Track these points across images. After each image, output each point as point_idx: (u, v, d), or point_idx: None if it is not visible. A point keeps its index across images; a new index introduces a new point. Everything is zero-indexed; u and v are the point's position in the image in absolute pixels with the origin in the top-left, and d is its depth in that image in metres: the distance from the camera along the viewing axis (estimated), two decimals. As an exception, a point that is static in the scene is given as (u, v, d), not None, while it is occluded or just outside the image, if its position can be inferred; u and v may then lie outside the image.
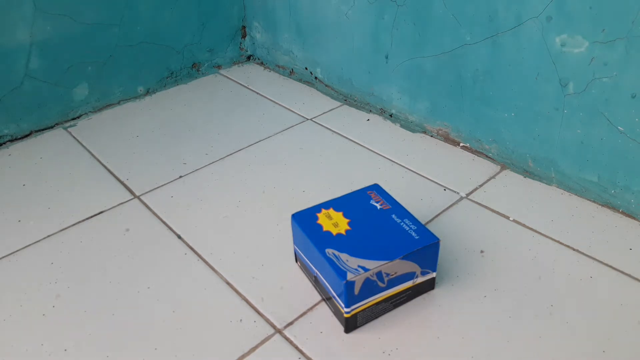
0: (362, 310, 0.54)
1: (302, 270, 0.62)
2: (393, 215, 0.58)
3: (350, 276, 0.50)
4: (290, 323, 0.56)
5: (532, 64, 0.70)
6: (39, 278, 0.62)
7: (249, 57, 1.16)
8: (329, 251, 0.53)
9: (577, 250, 0.64)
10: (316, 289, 0.59)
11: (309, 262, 0.58)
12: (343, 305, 0.52)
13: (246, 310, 0.57)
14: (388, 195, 0.61)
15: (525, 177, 0.77)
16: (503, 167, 0.79)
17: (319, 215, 0.58)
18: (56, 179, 0.79)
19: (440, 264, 0.61)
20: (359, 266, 0.51)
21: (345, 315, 0.53)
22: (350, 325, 0.54)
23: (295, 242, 0.61)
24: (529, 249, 0.64)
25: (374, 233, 0.56)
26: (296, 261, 0.63)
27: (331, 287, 0.54)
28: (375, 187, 0.63)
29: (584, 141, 0.69)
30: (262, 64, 1.14)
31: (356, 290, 0.51)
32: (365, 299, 0.53)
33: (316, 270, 0.56)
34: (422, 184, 0.76)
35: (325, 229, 0.56)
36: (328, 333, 0.54)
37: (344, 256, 0.53)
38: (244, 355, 0.52)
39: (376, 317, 0.56)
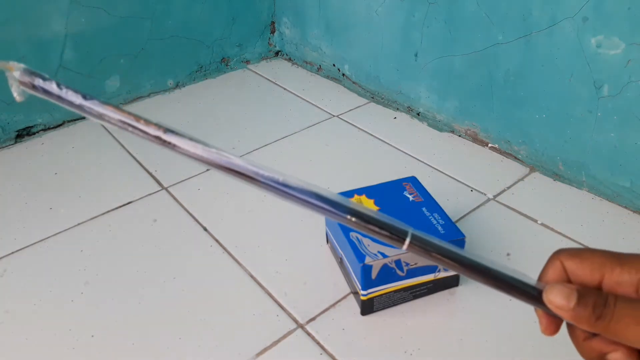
0: (379, 296, 0.55)
1: (331, 251, 0.64)
2: (423, 209, 0.59)
3: (368, 260, 0.52)
4: (313, 319, 0.56)
5: (566, 65, 0.68)
6: (69, 265, 0.64)
7: (277, 53, 1.16)
8: (353, 235, 0.55)
9: (607, 257, 0.62)
10: (341, 270, 0.61)
11: (336, 243, 0.60)
12: (360, 288, 0.54)
13: (269, 304, 0.58)
14: (423, 189, 0.62)
15: (555, 180, 0.76)
16: (532, 170, 0.78)
17: (350, 200, 0.59)
18: (87, 168, 0.81)
19: (465, 265, 0.61)
20: (378, 252, 0.53)
21: (362, 297, 0.54)
22: (367, 308, 0.55)
23: (326, 224, 0.63)
24: (557, 254, 0.63)
25: None
26: (327, 242, 0.65)
27: (352, 269, 0.55)
28: (412, 180, 0.63)
29: (617, 145, 0.67)
30: (290, 59, 1.15)
31: (373, 275, 0.53)
32: (382, 285, 0.54)
33: (341, 252, 0.58)
34: (448, 184, 0.76)
35: None
36: (350, 330, 0.54)
37: (366, 241, 0.54)
38: (266, 349, 0.53)
39: (394, 305, 0.57)
